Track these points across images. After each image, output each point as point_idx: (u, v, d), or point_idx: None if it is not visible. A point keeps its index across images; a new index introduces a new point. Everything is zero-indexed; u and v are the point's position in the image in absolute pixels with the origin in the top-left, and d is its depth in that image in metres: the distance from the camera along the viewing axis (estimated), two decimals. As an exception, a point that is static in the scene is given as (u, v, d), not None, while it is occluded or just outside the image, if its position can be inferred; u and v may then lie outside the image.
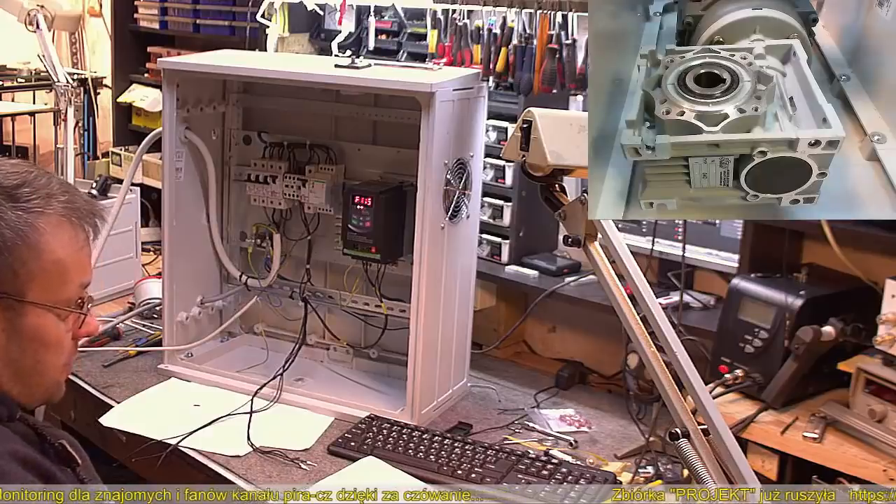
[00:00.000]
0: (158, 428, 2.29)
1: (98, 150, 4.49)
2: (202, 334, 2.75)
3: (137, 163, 2.92)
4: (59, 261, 1.25)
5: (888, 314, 1.90)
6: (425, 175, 2.25)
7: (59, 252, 1.24)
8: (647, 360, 1.57)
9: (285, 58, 3.09)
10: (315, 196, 2.57)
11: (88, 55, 4.75)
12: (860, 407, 1.95)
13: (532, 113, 1.72)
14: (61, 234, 1.25)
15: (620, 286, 1.61)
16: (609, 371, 2.72)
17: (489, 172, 2.76)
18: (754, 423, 2.01)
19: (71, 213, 1.26)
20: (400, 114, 2.52)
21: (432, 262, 2.32)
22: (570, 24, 2.53)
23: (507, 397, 2.60)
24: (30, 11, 3.17)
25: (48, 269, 1.24)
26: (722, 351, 2.18)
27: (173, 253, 2.62)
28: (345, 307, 2.69)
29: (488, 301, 2.89)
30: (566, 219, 1.70)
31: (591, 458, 2.25)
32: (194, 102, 2.63)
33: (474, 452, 2.17)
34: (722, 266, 2.48)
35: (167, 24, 3.92)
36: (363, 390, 2.60)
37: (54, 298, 1.26)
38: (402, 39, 3.03)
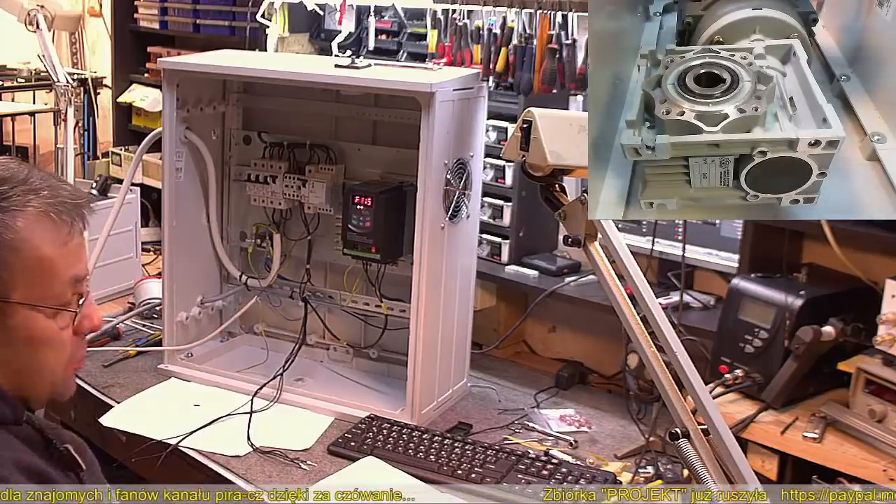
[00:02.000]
0: (158, 428, 2.29)
1: (98, 150, 4.49)
2: (202, 334, 2.75)
3: (137, 163, 2.92)
4: (42, 258, 1.21)
5: (888, 314, 1.90)
6: (425, 175, 2.25)
7: (42, 249, 1.21)
8: (647, 360, 1.57)
9: (285, 58, 3.09)
10: (315, 196, 2.57)
11: (88, 55, 4.75)
12: (860, 407, 1.95)
13: (532, 113, 1.72)
14: (42, 231, 1.21)
15: (620, 286, 1.61)
16: (609, 371, 2.72)
17: (489, 172, 2.76)
18: (754, 423, 2.01)
19: (52, 208, 1.22)
20: (400, 114, 2.52)
21: (432, 262, 2.32)
22: (570, 24, 2.53)
23: (507, 397, 2.60)
24: (30, 11, 3.17)
25: (31, 267, 1.21)
26: (722, 351, 2.17)
27: (173, 253, 2.62)
28: (345, 307, 2.69)
29: (488, 301, 2.89)
30: (566, 219, 1.69)
31: (591, 458, 2.25)
32: (194, 102, 2.63)
33: (474, 452, 2.17)
34: (722, 266, 2.48)
35: (167, 24, 3.92)
36: (363, 390, 2.60)
37: (41, 296, 1.22)
38: (402, 39, 3.03)
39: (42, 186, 1.23)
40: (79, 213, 1.26)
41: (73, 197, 1.26)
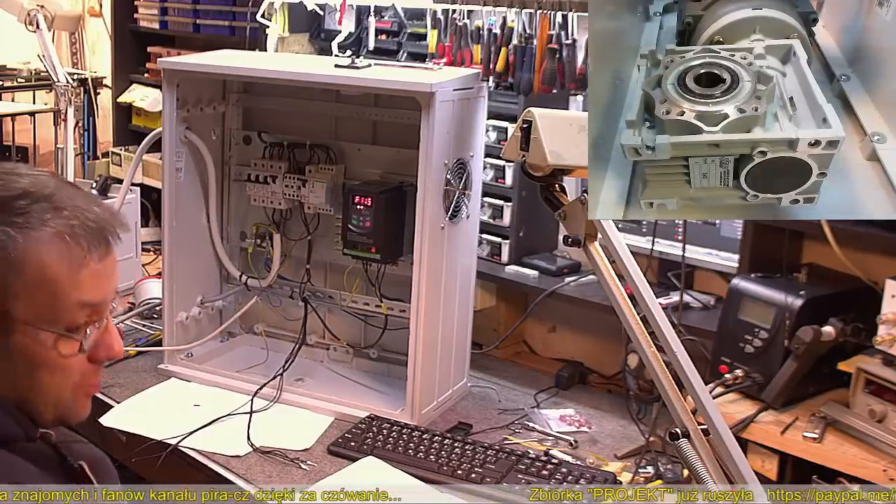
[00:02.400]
0: (158, 428, 2.29)
1: (98, 150, 4.49)
2: (202, 334, 2.75)
3: (137, 163, 2.92)
4: (47, 280, 1.15)
5: (888, 314, 1.90)
6: (425, 175, 2.25)
7: (48, 271, 1.14)
8: (647, 360, 1.57)
9: (285, 58, 3.09)
10: (315, 196, 2.57)
11: (88, 55, 4.75)
12: (860, 407, 1.95)
13: (532, 113, 1.72)
14: (52, 252, 1.15)
15: (620, 286, 1.61)
16: (609, 371, 2.72)
17: (489, 172, 2.76)
18: (754, 423, 2.01)
19: (68, 229, 1.16)
20: (400, 114, 2.52)
21: (432, 262, 2.32)
22: (570, 24, 2.53)
23: (507, 397, 2.60)
24: (30, 11, 3.18)
25: (35, 287, 1.15)
26: (722, 351, 2.17)
27: (173, 253, 2.62)
28: (345, 307, 2.69)
29: (488, 301, 2.89)
30: (566, 219, 1.69)
31: (591, 458, 2.25)
32: (194, 102, 2.63)
33: (474, 452, 2.17)
34: (722, 266, 2.48)
35: (167, 24, 3.92)
36: (363, 390, 2.60)
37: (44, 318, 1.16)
38: (402, 39, 3.03)
39: (66, 206, 1.17)
40: (100, 238, 1.19)
41: (97, 220, 1.19)
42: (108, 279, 1.22)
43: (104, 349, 1.23)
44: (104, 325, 1.22)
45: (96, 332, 1.21)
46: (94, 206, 1.20)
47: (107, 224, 1.20)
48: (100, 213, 1.20)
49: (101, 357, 1.23)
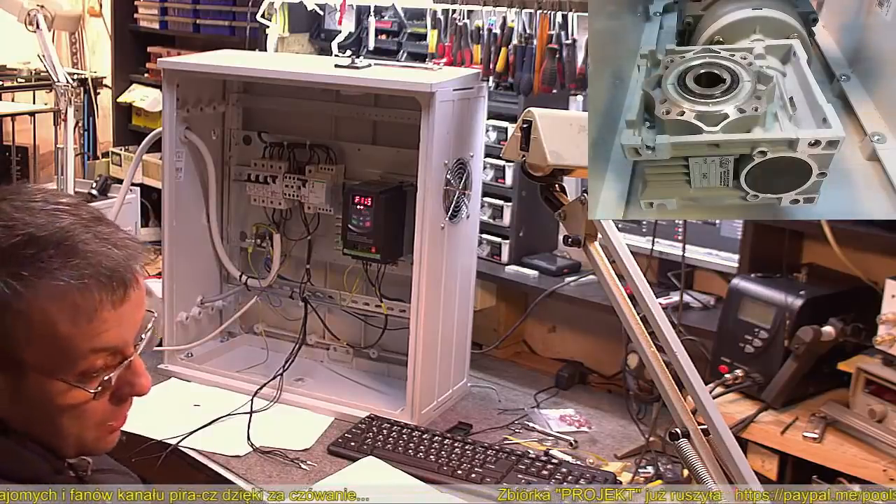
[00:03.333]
0: (158, 428, 2.29)
1: (98, 150, 4.49)
2: (202, 334, 2.75)
3: (137, 163, 2.92)
4: (56, 335, 1.08)
5: (888, 314, 1.90)
6: (425, 175, 2.25)
7: (57, 326, 1.08)
8: (647, 360, 1.57)
9: (285, 58, 3.09)
10: (315, 196, 2.57)
11: (88, 55, 4.75)
12: (860, 407, 1.95)
13: (532, 113, 1.72)
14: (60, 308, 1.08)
15: (620, 286, 1.61)
16: (609, 371, 2.72)
17: (489, 172, 2.76)
18: (754, 423, 2.01)
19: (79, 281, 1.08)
20: (400, 114, 2.52)
21: (432, 262, 2.32)
22: (570, 24, 2.53)
23: (507, 397, 2.60)
24: (30, 11, 3.17)
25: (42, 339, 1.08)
26: (722, 351, 2.17)
27: (173, 253, 2.62)
28: (345, 307, 2.69)
29: (488, 301, 2.89)
30: (566, 219, 1.69)
31: (591, 458, 2.25)
32: (194, 102, 2.63)
33: (474, 452, 2.17)
34: (722, 266, 2.48)
35: (167, 24, 3.92)
36: (363, 390, 2.60)
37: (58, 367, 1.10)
38: (402, 39, 3.03)
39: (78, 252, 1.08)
40: (116, 284, 1.10)
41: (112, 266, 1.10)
42: (128, 322, 1.14)
43: (127, 388, 1.18)
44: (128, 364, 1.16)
45: (118, 371, 1.15)
46: (112, 247, 1.11)
47: (124, 267, 1.12)
48: (117, 254, 1.11)
49: (125, 396, 1.19)
